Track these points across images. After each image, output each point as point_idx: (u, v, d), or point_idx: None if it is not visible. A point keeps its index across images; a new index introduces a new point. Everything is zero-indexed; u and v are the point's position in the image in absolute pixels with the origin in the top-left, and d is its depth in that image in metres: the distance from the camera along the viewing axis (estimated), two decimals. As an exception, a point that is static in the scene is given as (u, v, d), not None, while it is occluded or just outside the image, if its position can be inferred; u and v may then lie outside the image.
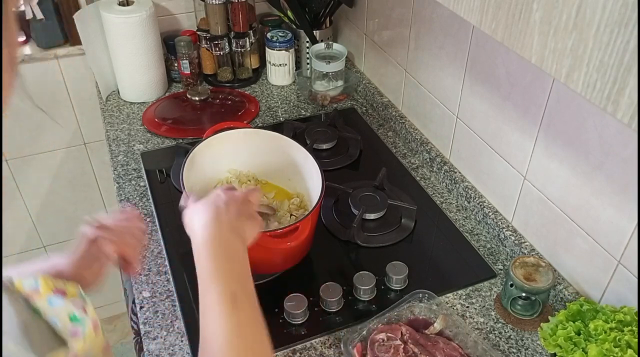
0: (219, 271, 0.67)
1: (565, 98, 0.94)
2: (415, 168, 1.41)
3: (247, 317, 0.64)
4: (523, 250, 1.11)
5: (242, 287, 0.67)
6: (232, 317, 0.63)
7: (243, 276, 0.68)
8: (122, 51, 1.55)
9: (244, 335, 0.62)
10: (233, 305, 0.63)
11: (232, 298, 0.64)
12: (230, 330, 0.62)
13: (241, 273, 0.69)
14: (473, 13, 0.62)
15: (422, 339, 0.95)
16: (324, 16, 1.68)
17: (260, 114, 1.60)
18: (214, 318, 0.64)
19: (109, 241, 0.80)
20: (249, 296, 0.66)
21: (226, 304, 0.63)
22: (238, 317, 0.63)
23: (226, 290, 0.65)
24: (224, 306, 0.63)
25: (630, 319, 0.81)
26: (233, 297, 0.64)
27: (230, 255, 0.70)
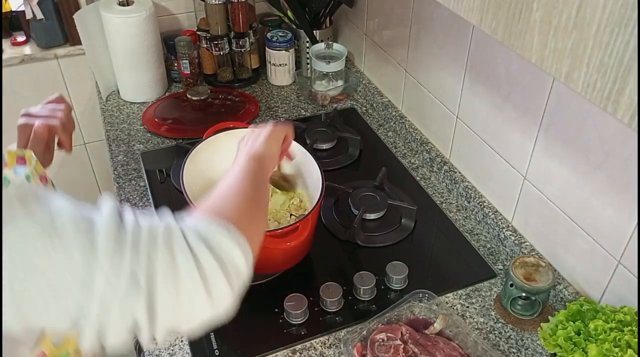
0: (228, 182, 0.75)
1: (565, 98, 0.94)
2: (415, 168, 1.41)
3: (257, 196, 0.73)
4: (523, 250, 1.11)
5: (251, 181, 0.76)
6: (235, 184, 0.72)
7: (256, 179, 0.78)
8: (122, 51, 1.55)
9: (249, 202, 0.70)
10: (230, 187, 0.72)
11: (229, 185, 0.72)
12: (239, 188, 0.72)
13: (256, 177, 0.78)
14: (473, 13, 0.62)
15: (422, 339, 0.95)
16: (324, 16, 1.68)
17: (260, 114, 1.60)
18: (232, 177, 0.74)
19: (39, 123, 0.94)
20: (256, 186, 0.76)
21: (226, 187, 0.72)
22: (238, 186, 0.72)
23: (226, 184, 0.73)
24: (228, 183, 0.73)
25: (630, 319, 0.81)
26: (230, 184, 0.73)
27: (239, 174, 0.78)
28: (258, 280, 1.09)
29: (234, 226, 0.60)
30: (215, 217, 0.61)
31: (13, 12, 1.78)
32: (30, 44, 1.77)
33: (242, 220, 0.64)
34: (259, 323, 1.02)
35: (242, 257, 0.59)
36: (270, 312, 1.03)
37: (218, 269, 0.56)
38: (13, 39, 1.77)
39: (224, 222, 0.59)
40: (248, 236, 0.62)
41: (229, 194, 0.70)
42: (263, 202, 0.76)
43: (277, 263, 1.08)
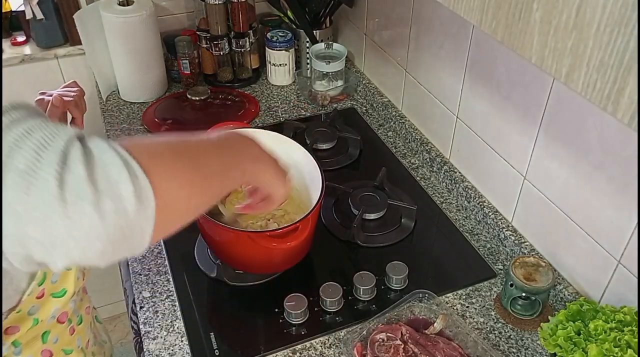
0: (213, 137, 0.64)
1: (565, 98, 0.94)
2: (415, 168, 1.41)
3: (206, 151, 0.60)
4: (523, 250, 1.11)
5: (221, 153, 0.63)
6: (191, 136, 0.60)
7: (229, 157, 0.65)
8: (122, 51, 1.55)
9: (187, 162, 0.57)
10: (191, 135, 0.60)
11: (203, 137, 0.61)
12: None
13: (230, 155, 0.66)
14: (473, 13, 0.62)
15: (422, 339, 0.95)
16: (324, 16, 1.68)
17: (260, 114, 1.60)
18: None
19: (55, 94, 1.04)
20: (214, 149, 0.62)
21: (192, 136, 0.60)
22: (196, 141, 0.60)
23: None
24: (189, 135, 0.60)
25: (630, 319, 0.81)
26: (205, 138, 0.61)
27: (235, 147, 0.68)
28: (258, 280, 1.09)
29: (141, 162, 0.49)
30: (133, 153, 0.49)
31: (13, 12, 1.78)
32: (30, 44, 1.77)
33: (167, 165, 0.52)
34: (259, 323, 1.02)
35: (132, 198, 0.47)
36: (270, 312, 1.03)
37: (88, 187, 0.45)
38: (13, 39, 1.77)
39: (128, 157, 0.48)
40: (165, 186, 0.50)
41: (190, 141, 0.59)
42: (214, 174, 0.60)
43: (277, 263, 1.08)
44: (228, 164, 0.64)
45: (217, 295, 1.09)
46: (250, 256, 1.04)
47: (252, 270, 1.10)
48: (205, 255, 1.14)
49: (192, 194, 0.55)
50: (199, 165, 0.57)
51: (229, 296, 1.08)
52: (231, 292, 1.08)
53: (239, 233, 0.99)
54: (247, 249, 1.00)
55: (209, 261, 1.13)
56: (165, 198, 0.50)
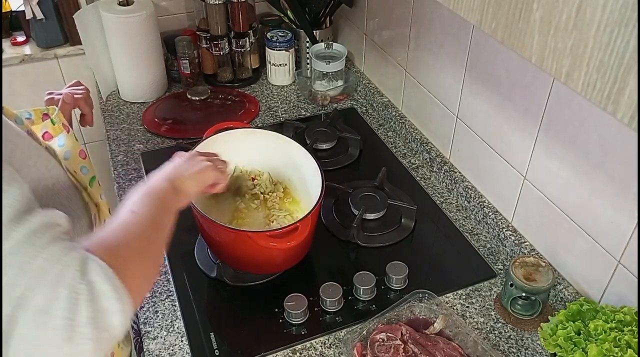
0: (136, 201, 0.74)
1: (565, 98, 0.94)
2: (415, 168, 1.41)
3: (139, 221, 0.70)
4: (523, 250, 1.11)
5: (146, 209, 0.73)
6: (128, 216, 0.70)
7: (156, 210, 0.74)
8: (122, 51, 1.55)
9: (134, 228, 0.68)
10: (128, 213, 0.70)
11: (131, 211, 0.71)
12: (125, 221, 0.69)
13: (156, 208, 0.75)
14: (473, 13, 0.62)
15: (422, 339, 0.95)
16: (324, 16, 1.68)
17: (260, 114, 1.60)
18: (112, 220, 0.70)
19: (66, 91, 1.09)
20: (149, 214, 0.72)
21: (121, 214, 0.70)
22: (131, 218, 0.70)
23: (129, 206, 0.72)
24: (119, 215, 0.70)
25: (630, 319, 0.81)
26: (131, 210, 0.71)
27: (152, 195, 0.76)
28: (258, 280, 1.09)
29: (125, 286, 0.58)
30: (110, 264, 0.58)
31: (13, 12, 1.78)
32: (30, 44, 1.77)
33: (136, 262, 0.64)
34: (259, 323, 1.02)
35: (121, 323, 0.57)
36: (270, 312, 1.03)
37: (93, 328, 0.54)
38: (13, 39, 1.77)
39: (118, 283, 0.57)
40: (135, 283, 0.61)
41: (130, 224, 0.69)
42: (161, 237, 0.73)
43: (277, 263, 1.08)
44: (164, 222, 0.75)
45: (217, 295, 1.09)
46: (250, 256, 1.04)
47: (252, 270, 1.09)
48: (205, 255, 1.14)
49: (151, 272, 0.70)
50: (149, 251, 0.68)
51: (229, 296, 1.08)
52: (231, 292, 1.08)
53: (239, 233, 0.99)
54: (247, 249, 1.00)
55: (209, 261, 1.13)
56: (137, 296, 0.61)
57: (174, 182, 0.81)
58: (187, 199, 0.84)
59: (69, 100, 1.08)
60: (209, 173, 0.89)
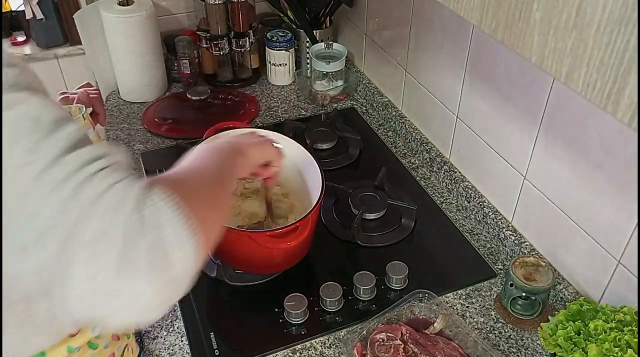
0: (202, 153, 0.73)
1: (565, 98, 0.94)
2: (415, 168, 1.41)
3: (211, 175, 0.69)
4: (523, 250, 1.11)
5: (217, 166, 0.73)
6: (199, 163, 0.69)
7: (222, 164, 0.74)
8: (122, 51, 1.55)
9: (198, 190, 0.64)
10: (201, 159, 0.70)
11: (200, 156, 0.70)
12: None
13: (222, 162, 0.75)
14: (473, 12, 0.62)
15: (422, 339, 0.95)
16: (324, 16, 1.68)
17: (260, 114, 1.60)
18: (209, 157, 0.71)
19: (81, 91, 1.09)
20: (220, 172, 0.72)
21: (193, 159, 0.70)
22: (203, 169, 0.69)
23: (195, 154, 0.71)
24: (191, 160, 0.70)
25: (630, 319, 0.81)
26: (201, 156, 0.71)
27: (218, 151, 0.77)
28: (258, 280, 1.09)
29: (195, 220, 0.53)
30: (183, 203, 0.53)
31: (13, 12, 1.78)
32: (30, 43, 1.77)
33: (205, 203, 0.60)
34: (259, 323, 1.02)
35: (187, 261, 0.53)
36: (270, 312, 1.03)
37: (150, 262, 0.49)
38: (13, 39, 1.78)
39: (186, 212, 0.52)
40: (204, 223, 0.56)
41: (198, 169, 0.68)
42: (226, 192, 0.71)
43: (277, 263, 1.08)
44: (228, 179, 0.73)
45: (217, 295, 1.09)
46: (250, 256, 1.04)
47: (252, 270, 1.09)
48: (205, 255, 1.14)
49: (218, 222, 0.64)
50: (216, 199, 0.65)
51: (229, 296, 1.08)
52: (231, 292, 1.08)
53: (239, 233, 0.99)
54: (247, 249, 1.00)
55: (209, 261, 1.13)
56: (207, 240, 0.57)
57: (236, 146, 0.81)
58: (250, 165, 0.83)
59: (84, 99, 1.10)
60: (271, 147, 0.90)
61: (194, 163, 0.68)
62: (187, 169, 0.66)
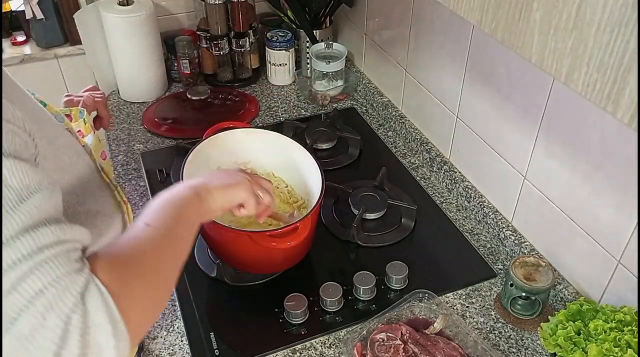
0: (153, 211, 0.69)
1: (565, 98, 0.94)
2: (415, 168, 1.41)
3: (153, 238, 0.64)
4: (523, 250, 1.11)
5: (163, 222, 0.67)
6: (143, 231, 0.65)
7: (172, 222, 0.69)
8: (122, 51, 1.55)
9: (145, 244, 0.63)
10: (143, 227, 0.65)
11: (145, 224, 0.65)
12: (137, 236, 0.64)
13: (173, 220, 0.69)
14: (473, 13, 0.62)
15: (422, 339, 0.95)
16: (324, 16, 1.68)
17: (260, 113, 1.60)
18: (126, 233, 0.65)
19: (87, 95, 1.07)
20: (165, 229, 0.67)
21: (136, 226, 0.65)
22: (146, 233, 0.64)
23: (145, 218, 0.67)
24: (134, 227, 0.65)
25: (630, 319, 0.81)
26: (146, 223, 0.66)
27: (172, 203, 0.71)
28: (258, 280, 1.09)
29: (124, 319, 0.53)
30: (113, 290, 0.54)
31: (13, 12, 1.78)
32: (30, 43, 1.77)
33: (143, 286, 0.58)
34: (259, 323, 1.02)
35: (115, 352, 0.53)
36: (270, 312, 1.03)
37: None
38: (13, 39, 1.77)
39: (117, 316, 0.53)
40: (138, 312, 0.56)
41: (142, 239, 0.64)
42: (176, 254, 0.67)
43: (277, 263, 1.08)
44: (180, 236, 0.68)
45: (217, 295, 1.09)
46: (250, 256, 1.04)
47: (252, 270, 1.10)
48: (205, 255, 1.14)
49: (160, 298, 0.63)
50: (160, 270, 0.62)
51: (229, 296, 1.08)
52: (231, 292, 1.08)
53: (239, 233, 0.99)
54: (247, 249, 1.00)
55: (209, 261, 1.13)
56: (137, 329, 0.56)
57: (199, 191, 0.75)
58: (210, 213, 0.78)
59: (89, 102, 1.09)
60: (240, 191, 0.82)
61: (138, 234, 0.64)
62: (130, 245, 0.62)
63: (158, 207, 0.68)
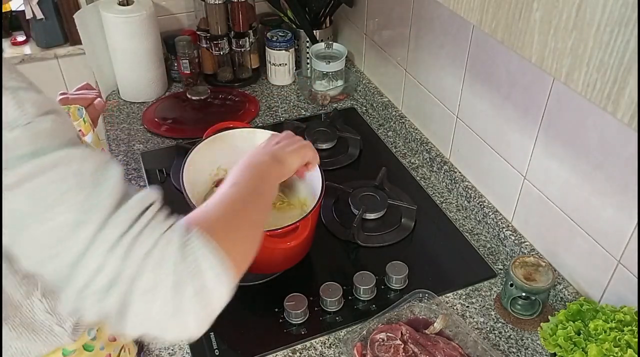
0: (238, 174, 0.79)
1: (565, 98, 0.94)
2: (415, 168, 1.41)
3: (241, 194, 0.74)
4: (523, 250, 1.11)
5: (248, 182, 0.77)
6: (230, 190, 0.73)
7: (257, 181, 0.79)
8: (122, 51, 1.55)
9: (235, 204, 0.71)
10: (230, 186, 0.74)
11: (233, 183, 0.75)
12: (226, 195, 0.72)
13: (257, 179, 0.79)
14: (473, 12, 0.62)
15: (422, 339, 0.95)
16: (324, 16, 1.68)
17: (260, 113, 1.60)
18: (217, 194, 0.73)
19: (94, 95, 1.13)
20: (251, 187, 0.77)
21: (223, 187, 0.74)
22: (233, 191, 0.73)
23: (231, 180, 0.76)
24: (222, 188, 0.74)
25: (630, 319, 0.81)
26: (234, 181, 0.75)
27: (254, 166, 0.81)
28: (258, 280, 1.09)
29: (229, 258, 0.60)
30: (213, 236, 0.61)
31: (13, 12, 1.78)
32: (30, 43, 1.77)
33: (238, 232, 0.67)
34: (259, 323, 1.02)
35: (224, 296, 0.61)
36: (270, 312, 1.03)
37: (195, 304, 0.58)
38: (13, 39, 1.78)
39: (222, 255, 0.60)
40: (238, 252, 0.64)
41: (230, 196, 0.72)
42: (261, 207, 0.77)
43: (277, 263, 1.08)
44: (264, 192, 0.79)
45: (217, 295, 1.09)
46: (250, 256, 1.04)
47: (252, 270, 1.09)
48: (205, 255, 1.14)
49: (254, 245, 0.73)
50: (251, 224, 0.72)
51: (229, 296, 1.08)
52: (231, 292, 1.08)
53: (239, 233, 0.99)
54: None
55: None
56: (240, 265, 0.66)
57: (276, 155, 0.86)
58: (289, 172, 0.89)
59: (100, 108, 1.14)
60: (309, 150, 0.95)
61: (226, 192, 0.72)
62: (220, 202, 0.70)
63: (242, 171, 0.78)
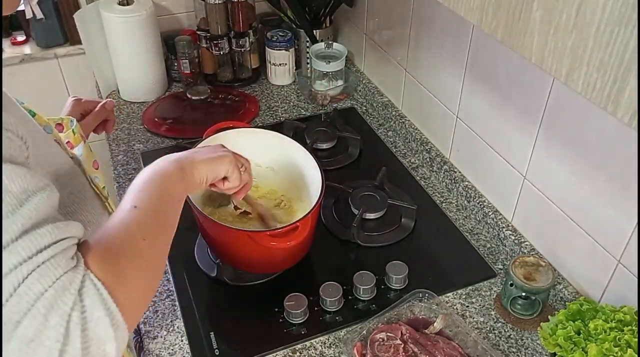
0: (139, 189, 0.69)
1: (565, 98, 0.94)
2: (415, 168, 1.41)
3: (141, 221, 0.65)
4: (523, 249, 1.11)
5: (149, 202, 0.68)
6: (130, 214, 0.65)
7: (160, 199, 0.70)
8: (122, 51, 1.55)
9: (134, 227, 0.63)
10: (130, 210, 0.65)
11: (132, 206, 0.66)
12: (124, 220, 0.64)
13: (160, 197, 0.70)
14: (473, 12, 0.62)
15: (422, 339, 0.95)
16: (324, 16, 1.68)
17: (260, 113, 1.59)
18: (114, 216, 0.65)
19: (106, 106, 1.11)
20: (152, 210, 0.67)
21: (123, 210, 0.65)
22: (133, 217, 0.65)
23: (131, 198, 0.67)
24: (122, 211, 0.65)
25: (630, 319, 0.81)
26: (133, 205, 0.66)
27: (157, 180, 0.72)
28: (258, 280, 1.09)
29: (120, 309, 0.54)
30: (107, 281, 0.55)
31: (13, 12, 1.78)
32: (30, 43, 1.77)
33: (136, 272, 0.59)
34: (259, 323, 1.02)
35: (114, 352, 0.55)
36: (270, 312, 1.03)
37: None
38: (13, 39, 1.77)
39: (114, 308, 0.54)
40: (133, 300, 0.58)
41: (131, 224, 0.63)
42: (165, 234, 0.68)
43: (277, 263, 1.08)
44: (168, 215, 0.69)
45: (217, 295, 1.09)
46: (250, 256, 1.04)
47: (252, 270, 1.10)
48: (205, 255, 1.14)
49: (152, 282, 0.64)
50: (151, 254, 0.63)
51: (229, 296, 1.08)
52: (231, 292, 1.08)
53: (239, 233, 0.99)
54: (247, 249, 1.00)
55: (209, 261, 1.13)
56: (134, 315, 0.58)
57: (183, 165, 0.75)
58: (197, 185, 0.79)
59: (110, 107, 1.13)
60: (225, 163, 0.83)
61: (126, 218, 0.64)
62: (119, 231, 0.62)
63: (143, 186, 0.69)
